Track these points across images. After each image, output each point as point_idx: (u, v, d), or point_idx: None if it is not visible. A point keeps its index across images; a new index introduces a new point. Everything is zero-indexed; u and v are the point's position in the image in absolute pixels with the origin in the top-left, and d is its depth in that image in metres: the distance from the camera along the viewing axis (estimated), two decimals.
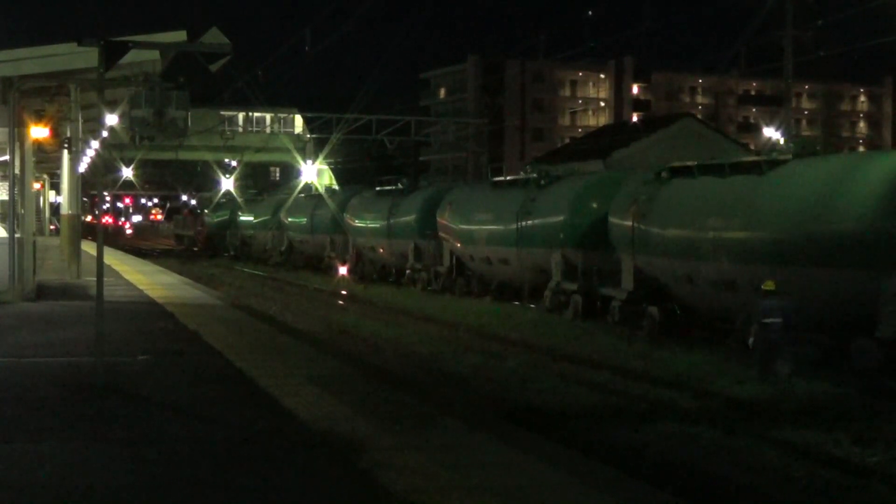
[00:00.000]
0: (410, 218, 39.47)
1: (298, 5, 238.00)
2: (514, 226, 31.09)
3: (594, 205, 28.08)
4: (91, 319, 15.50)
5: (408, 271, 39.86)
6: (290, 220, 56.93)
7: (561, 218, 28.99)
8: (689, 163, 24.51)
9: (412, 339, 23.73)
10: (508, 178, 35.00)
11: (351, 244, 46.54)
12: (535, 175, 32.08)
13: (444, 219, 36.02)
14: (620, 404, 15.94)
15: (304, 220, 54.39)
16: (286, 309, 30.87)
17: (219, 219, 73.39)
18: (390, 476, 8.39)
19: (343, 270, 44.24)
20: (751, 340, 18.37)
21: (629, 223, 24.93)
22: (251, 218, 66.25)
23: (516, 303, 31.69)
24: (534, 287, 30.87)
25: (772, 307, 17.79)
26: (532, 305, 30.75)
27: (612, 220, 26.16)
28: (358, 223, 45.45)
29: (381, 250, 42.80)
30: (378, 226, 42.67)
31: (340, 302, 34.91)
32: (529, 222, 30.44)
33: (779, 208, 20.25)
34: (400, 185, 43.45)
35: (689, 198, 23.24)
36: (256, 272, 50.69)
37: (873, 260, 17.68)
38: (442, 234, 36.58)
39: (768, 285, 18.17)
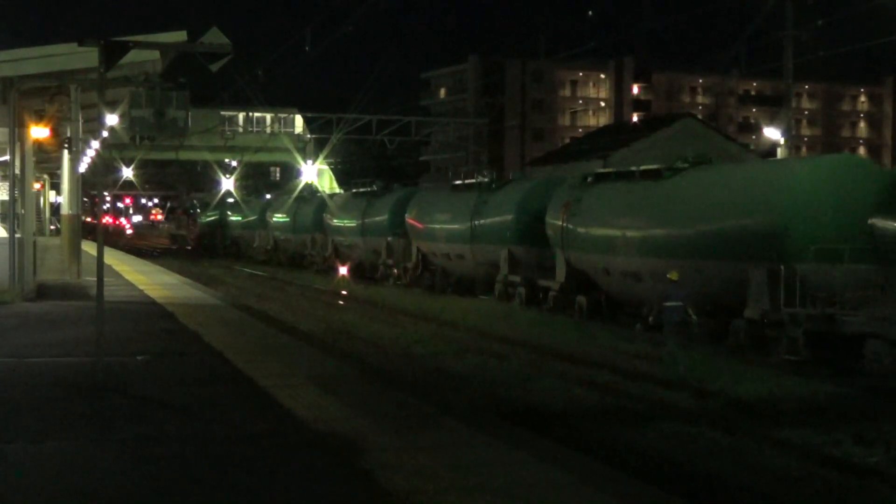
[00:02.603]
0: (383, 217, 42.61)
1: (298, 5, 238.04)
2: (468, 225, 34.55)
3: (536, 206, 30.91)
4: (91, 319, 15.51)
5: (381, 267, 42.77)
6: (274, 219, 60.13)
7: (508, 218, 32.30)
8: (609, 169, 28.52)
9: (412, 339, 23.74)
10: (465, 181, 38.23)
11: (330, 242, 49.53)
12: (486, 179, 35.92)
13: (411, 218, 39.27)
14: (620, 404, 15.94)
15: (287, 220, 57.56)
16: (286, 309, 30.92)
17: (210, 219, 75.14)
18: (390, 476, 8.39)
19: (343, 270, 44.62)
20: (651, 319, 21.41)
21: (560, 223, 28.46)
22: (240, 218, 69.07)
23: (510, 301, 31.78)
24: (487, 280, 33.94)
25: (674, 292, 20.33)
26: (485, 297, 33.46)
27: (548, 219, 29.50)
28: (336, 222, 48.84)
29: (357, 247, 45.83)
30: (354, 225, 45.94)
31: (340, 302, 34.96)
32: (481, 222, 33.90)
33: (673, 210, 23.74)
34: (374, 187, 46.81)
35: (607, 200, 26.78)
36: (256, 272, 50.78)
37: (743, 253, 20.89)
38: (410, 233, 39.61)
39: (673, 275, 20.70)
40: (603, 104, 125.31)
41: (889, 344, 17.25)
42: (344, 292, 38.08)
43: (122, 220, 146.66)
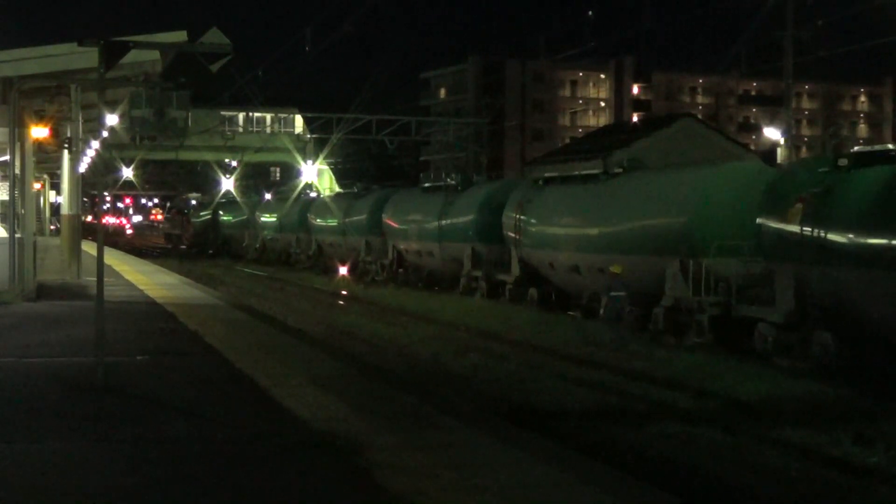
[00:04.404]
0: (362, 217, 45.56)
1: (298, 5, 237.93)
2: (436, 224, 37.40)
3: (496, 207, 33.56)
4: (91, 319, 15.50)
5: (360, 264, 45.57)
6: (262, 219, 63.18)
7: (470, 217, 35.18)
8: (556, 173, 31.46)
9: (412, 339, 23.77)
10: (436, 183, 41.49)
11: (314, 241, 52.84)
12: (453, 182, 39.05)
13: (387, 218, 42.38)
14: (620, 404, 15.95)
15: (274, 220, 60.59)
16: (286, 309, 30.92)
17: (203, 219, 76.47)
18: (390, 476, 8.39)
19: (343, 270, 45.00)
20: (602, 310, 23.62)
21: (514, 222, 31.46)
22: (230, 218, 71.71)
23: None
24: (453, 275, 36.57)
25: (618, 284, 23.05)
26: (456, 292, 35.52)
27: (504, 219, 32.46)
28: (319, 222, 52.18)
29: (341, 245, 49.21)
30: (335, 224, 49.10)
31: (340, 302, 35.02)
32: (448, 221, 36.73)
33: (606, 210, 26.72)
34: (355, 189, 50.67)
35: (553, 201, 29.82)
36: (256, 272, 50.91)
37: (662, 249, 23.83)
38: (386, 232, 42.72)
39: (616, 268, 23.53)
40: (603, 104, 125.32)
41: (771, 326, 19.73)
42: (344, 292, 38.21)
43: (122, 220, 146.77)
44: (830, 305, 18.41)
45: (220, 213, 74.43)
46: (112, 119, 29.28)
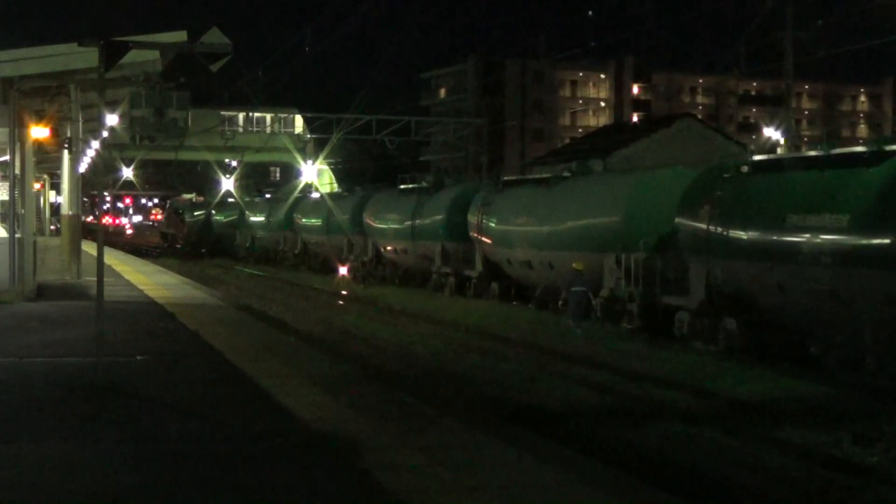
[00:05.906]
0: (345, 217, 47.41)
1: (298, 5, 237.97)
2: (410, 224, 39.39)
3: (464, 207, 35.49)
4: (91, 319, 15.51)
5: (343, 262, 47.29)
6: (252, 219, 65.98)
7: (440, 217, 37.13)
8: (514, 177, 34.94)
9: (411, 339, 23.76)
10: (410, 185, 43.88)
11: (299, 240, 55.12)
12: (425, 184, 41.61)
13: (367, 218, 44.67)
14: (620, 404, 15.94)
15: (262, 220, 63.14)
16: (286, 309, 30.93)
17: (197, 218, 77.54)
18: (390, 476, 8.39)
19: (343, 270, 45.10)
20: (560, 303, 25.52)
21: (477, 221, 33.81)
22: (222, 218, 73.81)
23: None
24: (426, 272, 38.51)
25: (578, 280, 25.26)
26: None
27: (469, 218, 34.66)
28: (304, 221, 54.51)
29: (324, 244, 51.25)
30: (319, 224, 51.69)
31: (340, 302, 35.04)
32: (420, 221, 38.69)
33: (553, 211, 29.25)
34: (339, 191, 53.99)
35: (510, 203, 32.18)
36: (256, 272, 51.01)
37: (600, 246, 26.01)
38: (367, 231, 44.83)
39: (578, 265, 25.59)
40: (603, 104, 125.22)
41: (689, 313, 21.98)
42: (344, 292, 38.29)
43: (122, 220, 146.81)
44: (733, 295, 20.83)
45: (213, 212, 75.64)
46: (112, 119, 29.24)
